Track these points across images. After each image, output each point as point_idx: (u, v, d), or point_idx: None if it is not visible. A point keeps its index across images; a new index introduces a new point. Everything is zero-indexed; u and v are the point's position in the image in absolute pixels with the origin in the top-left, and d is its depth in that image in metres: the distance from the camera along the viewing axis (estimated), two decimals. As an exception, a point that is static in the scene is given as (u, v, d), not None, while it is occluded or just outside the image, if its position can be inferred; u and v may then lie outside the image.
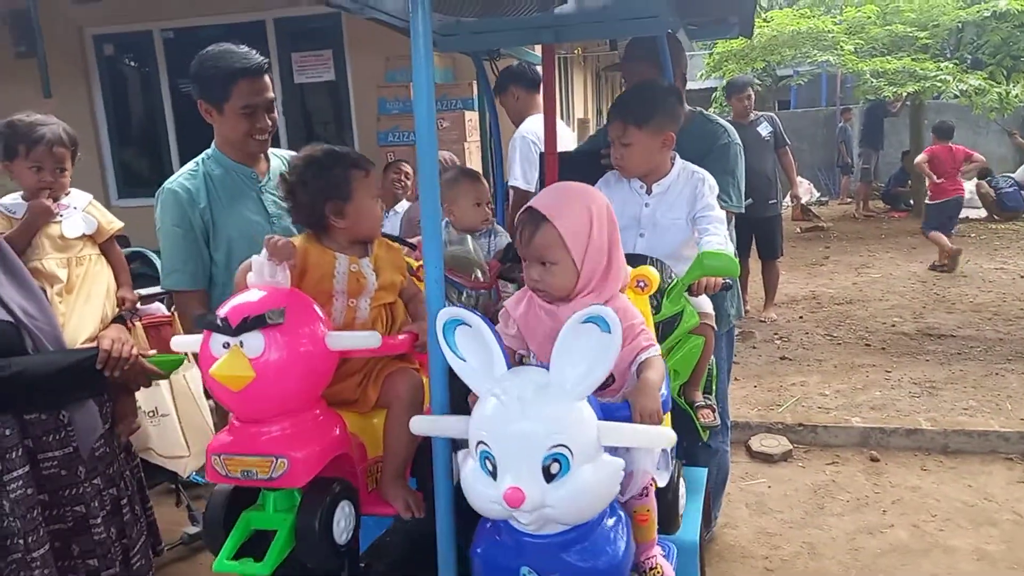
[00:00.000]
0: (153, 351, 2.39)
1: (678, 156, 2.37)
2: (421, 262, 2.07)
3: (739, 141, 2.75)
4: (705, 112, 2.90)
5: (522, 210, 1.61)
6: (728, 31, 2.98)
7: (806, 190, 12.93)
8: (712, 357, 2.30)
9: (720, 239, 2.19)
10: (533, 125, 3.86)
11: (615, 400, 1.55)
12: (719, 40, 9.48)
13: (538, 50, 2.88)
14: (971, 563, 3.09)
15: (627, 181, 2.37)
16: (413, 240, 2.33)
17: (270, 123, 2.30)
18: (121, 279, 2.47)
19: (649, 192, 2.35)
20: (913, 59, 9.52)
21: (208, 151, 2.36)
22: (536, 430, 1.29)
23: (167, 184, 2.30)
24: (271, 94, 2.29)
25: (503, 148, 3.45)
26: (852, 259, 9.18)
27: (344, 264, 1.81)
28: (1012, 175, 11.78)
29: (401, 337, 1.72)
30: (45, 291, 2.18)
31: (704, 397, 2.27)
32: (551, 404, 1.32)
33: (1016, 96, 9.34)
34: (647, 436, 1.38)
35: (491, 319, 2.02)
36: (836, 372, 5.26)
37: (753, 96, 6.61)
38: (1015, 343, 5.61)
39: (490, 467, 1.31)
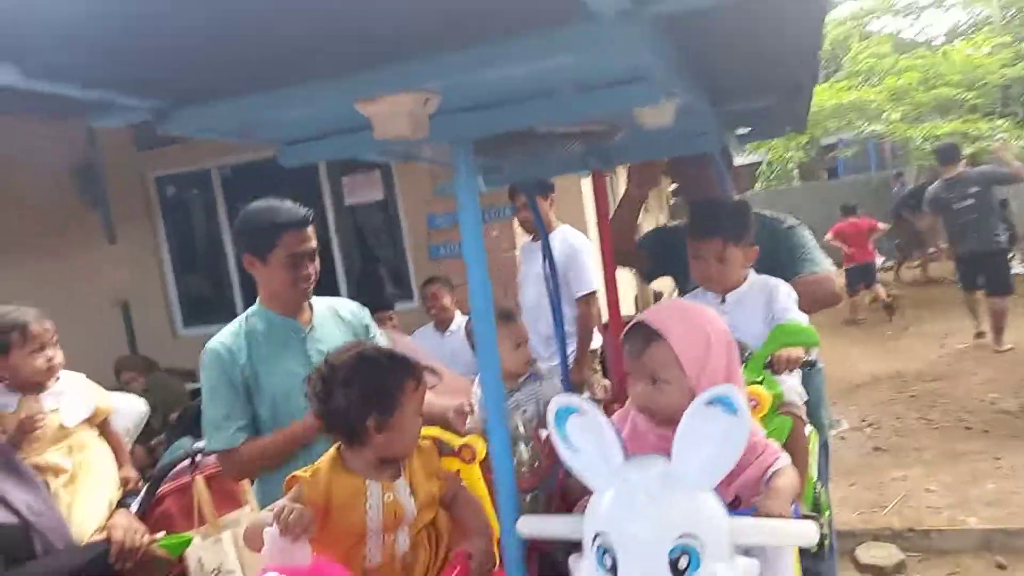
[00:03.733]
0: (162, 532, 2.28)
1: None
2: (461, 442, 1.90)
3: (796, 223, 2.77)
4: (759, 213, 2.81)
5: (632, 324, 1.55)
6: (779, 131, 2.86)
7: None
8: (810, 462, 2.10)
9: (795, 316, 2.13)
10: (575, 235, 3.92)
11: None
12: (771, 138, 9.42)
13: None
14: None
15: (701, 294, 2.33)
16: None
17: (313, 272, 2.27)
18: (121, 458, 2.39)
19: (723, 301, 2.29)
20: (964, 120, 9.27)
21: (252, 308, 2.34)
22: (661, 519, 1.21)
23: (209, 344, 2.26)
24: (314, 243, 2.28)
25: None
26: (933, 328, 8.70)
27: (377, 495, 1.59)
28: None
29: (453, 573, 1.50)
30: (48, 484, 2.10)
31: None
32: (676, 492, 1.24)
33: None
34: (785, 532, 1.27)
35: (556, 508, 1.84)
36: (939, 462, 4.83)
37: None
38: None
39: (609, 563, 1.22)
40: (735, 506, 1.47)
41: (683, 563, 1.17)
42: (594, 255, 3.67)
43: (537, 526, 1.39)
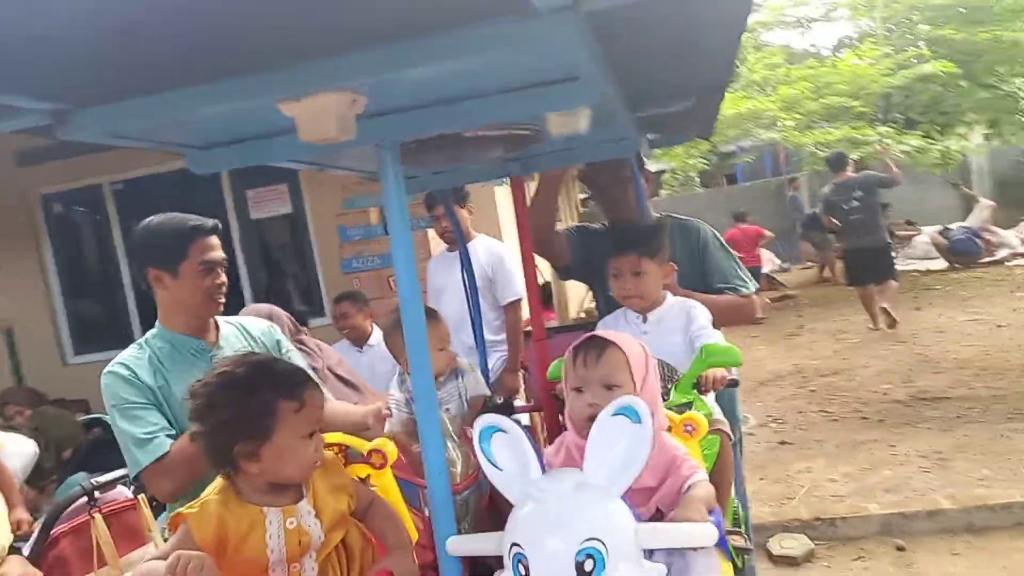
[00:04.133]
0: None
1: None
2: (370, 446, 1.81)
3: (710, 229, 2.87)
4: (672, 215, 2.91)
5: (584, 338, 1.66)
6: (687, 136, 2.94)
7: (768, 259, 13.07)
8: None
9: (711, 334, 2.21)
10: (498, 244, 3.94)
11: None
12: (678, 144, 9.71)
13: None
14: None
15: (623, 314, 2.40)
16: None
17: (226, 279, 2.18)
18: (11, 500, 2.22)
19: (645, 320, 2.36)
20: (852, 127, 9.86)
21: (151, 331, 2.19)
22: (567, 523, 1.25)
23: (108, 368, 2.10)
24: (223, 254, 2.19)
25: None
26: (827, 326, 9.17)
27: (277, 523, 1.44)
28: (963, 223, 12.10)
29: None
30: None
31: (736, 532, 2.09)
32: (584, 499, 1.29)
33: (957, 151, 9.68)
34: (687, 534, 1.35)
35: (483, 518, 1.82)
36: (840, 453, 5.08)
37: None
38: (1012, 399, 5.52)
39: (523, 571, 1.26)
40: (658, 520, 1.53)
41: (588, 566, 1.21)
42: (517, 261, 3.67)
43: (465, 546, 1.40)
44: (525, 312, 3.64)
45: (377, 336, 4.39)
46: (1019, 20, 10.76)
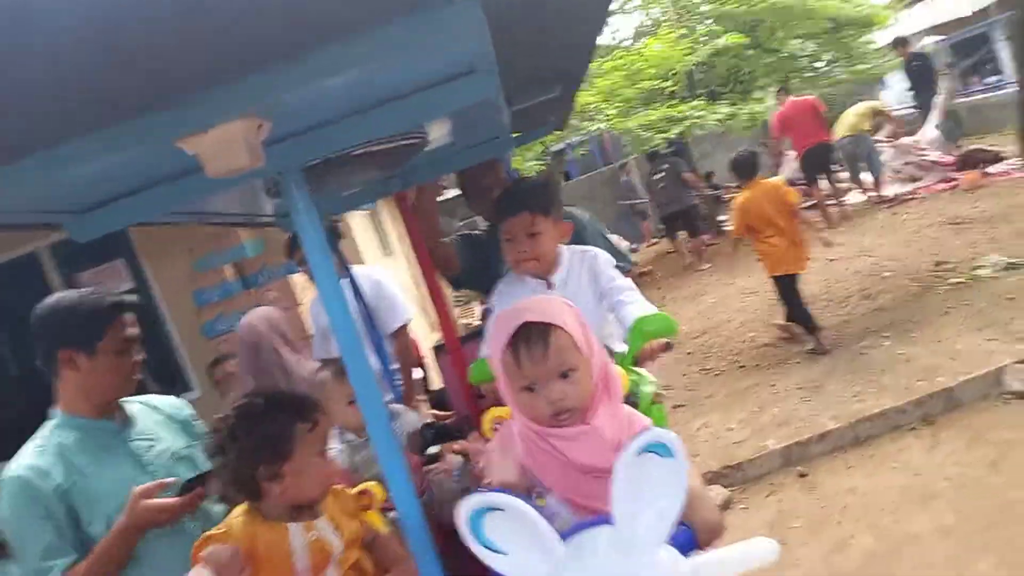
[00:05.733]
0: None
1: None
2: (359, 487, 1.79)
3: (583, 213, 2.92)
4: None
5: (516, 329, 1.40)
6: (547, 130, 3.04)
7: (617, 241, 13.67)
8: None
9: (641, 303, 2.08)
10: (373, 271, 3.89)
11: None
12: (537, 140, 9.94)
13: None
14: (942, 543, 3.16)
15: (524, 281, 2.23)
16: None
17: (141, 357, 2.03)
18: None
19: (550, 286, 2.21)
20: (668, 106, 10.54)
21: (53, 420, 2.00)
22: None
23: (7, 472, 1.89)
24: (138, 329, 2.02)
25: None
26: (686, 292, 9.72)
27: (300, 536, 1.52)
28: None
29: None
30: None
31: None
32: (632, 563, 1.12)
33: (760, 112, 10.61)
34: (751, 556, 1.18)
35: (439, 524, 1.77)
36: (730, 402, 5.40)
37: None
38: (858, 321, 6.09)
39: None
40: None
41: None
42: (398, 284, 3.61)
43: None
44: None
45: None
46: (787, -14, 11.99)
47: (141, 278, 6.11)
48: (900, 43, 11.99)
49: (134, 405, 2.11)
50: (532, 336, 1.38)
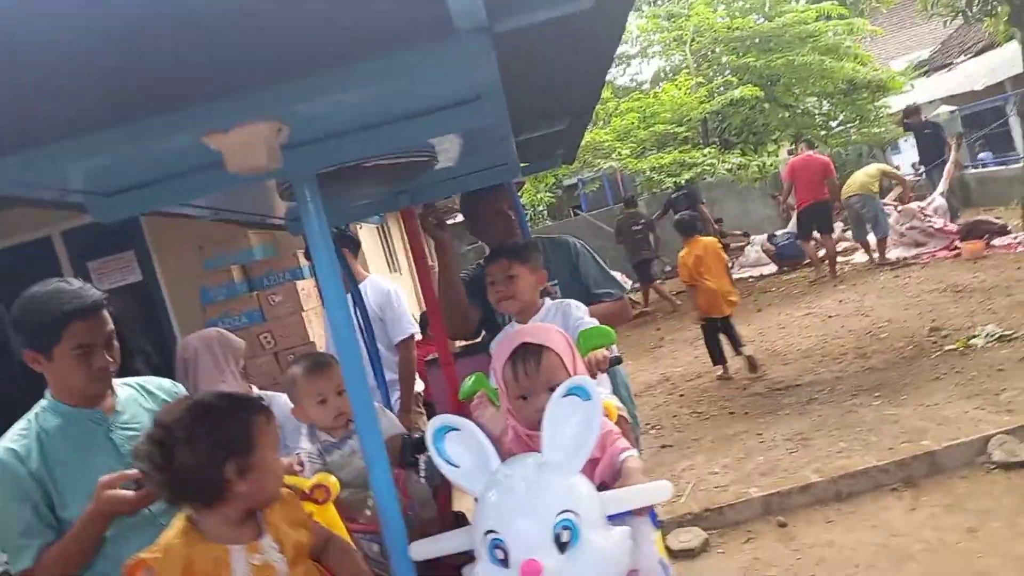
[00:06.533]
0: None
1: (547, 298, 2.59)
2: (313, 482, 1.84)
3: (578, 241, 3.14)
4: (544, 237, 3.17)
5: (516, 348, 1.70)
6: (554, 163, 3.14)
7: (622, 279, 13.78)
8: None
9: (588, 322, 2.35)
10: (386, 282, 3.95)
11: None
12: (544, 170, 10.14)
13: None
14: (911, 602, 3.18)
15: (509, 327, 2.47)
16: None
17: (111, 359, 2.04)
18: None
19: None
20: (680, 151, 10.71)
21: (42, 402, 2.04)
22: (541, 501, 1.34)
23: None
24: (109, 327, 2.04)
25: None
26: (684, 335, 9.76)
27: (242, 560, 1.45)
28: (786, 230, 13.33)
29: None
30: None
31: None
32: (551, 477, 1.39)
33: (771, 165, 10.76)
34: (647, 493, 1.45)
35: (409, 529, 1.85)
36: (716, 447, 5.42)
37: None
38: (850, 378, 6.13)
39: (501, 555, 1.31)
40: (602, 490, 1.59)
41: (565, 537, 1.31)
42: (407, 297, 3.70)
43: (427, 548, 1.44)
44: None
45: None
46: (805, 45, 12.23)
47: (150, 271, 6.20)
48: (912, 112, 12.20)
49: (127, 389, 2.14)
50: (528, 354, 1.69)
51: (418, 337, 4.18)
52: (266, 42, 0.97)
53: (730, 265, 13.13)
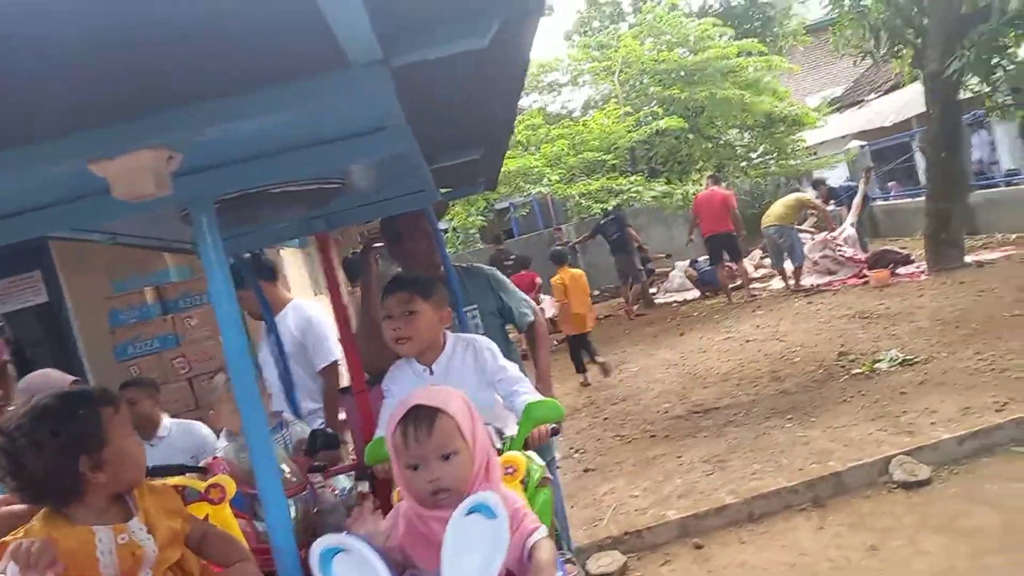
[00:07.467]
0: None
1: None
2: (208, 482, 1.86)
3: (490, 269, 3.17)
4: (459, 265, 3.11)
5: (408, 410, 1.54)
6: (476, 189, 3.16)
7: (551, 304, 13.92)
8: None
9: (531, 392, 2.20)
10: (309, 307, 3.85)
11: None
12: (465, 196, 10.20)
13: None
14: (816, 620, 3.29)
15: (408, 366, 2.32)
16: (201, 463, 2.10)
17: (2, 391, 1.96)
18: None
19: (432, 372, 2.30)
20: (608, 178, 10.94)
21: None
22: None
23: None
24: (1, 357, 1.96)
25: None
26: (610, 359, 9.91)
27: (108, 540, 1.46)
28: (707, 257, 13.75)
29: None
30: None
31: (560, 552, 2.23)
32: None
33: (694, 193, 11.14)
34: None
35: (313, 528, 1.85)
36: (637, 470, 5.51)
37: None
38: (765, 401, 6.34)
39: None
40: None
41: None
42: (330, 321, 3.62)
43: None
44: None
45: (167, 425, 4.04)
46: (727, 80, 12.72)
47: (57, 293, 5.93)
48: (819, 184, 13.21)
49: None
50: (420, 418, 1.53)
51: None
52: (157, 69, 0.96)
53: (654, 292, 13.61)
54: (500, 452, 1.98)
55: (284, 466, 2.14)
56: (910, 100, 13.27)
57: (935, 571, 3.42)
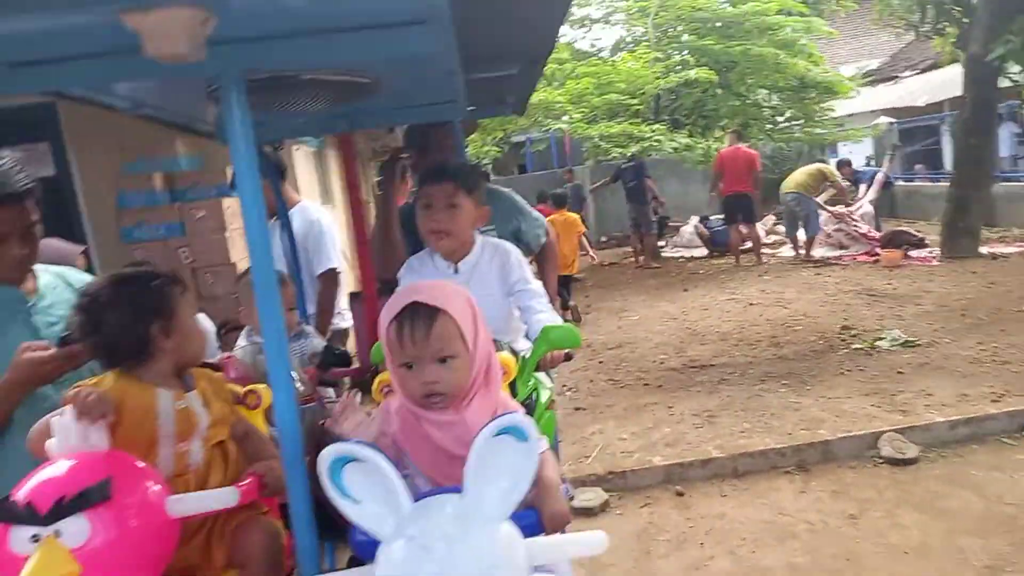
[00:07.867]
0: None
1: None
2: (246, 388, 1.86)
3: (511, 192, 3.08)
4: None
5: (406, 306, 1.43)
6: (504, 110, 3.07)
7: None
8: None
9: (550, 312, 2.17)
10: (315, 210, 3.76)
11: None
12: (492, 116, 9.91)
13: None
14: (788, 578, 3.35)
15: (432, 261, 2.26)
16: (215, 359, 2.07)
17: (22, 254, 1.91)
18: None
19: (457, 271, 2.24)
20: (630, 123, 10.73)
21: None
22: (460, 562, 1.12)
23: None
24: (30, 218, 1.91)
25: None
26: (611, 305, 9.92)
27: (168, 401, 1.58)
28: (721, 216, 13.61)
29: (245, 483, 1.47)
30: None
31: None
32: (472, 531, 1.16)
33: (716, 150, 10.93)
34: (580, 545, 1.26)
35: (320, 437, 1.84)
36: (627, 415, 5.55)
37: None
38: (761, 364, 6.35)
39: None
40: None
41: None
42: (336, 228, 3.55)
43: None
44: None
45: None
46: (764, 37, 12.35)
47: (64, 167, 5.84)
48: (845, 164, 12.68)
49: (47, 276, 2.05)
50: (418, 317, 1.42)
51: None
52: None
53: (662, 245, 13.44)
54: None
55: (295, 374, 2.13)
56: (946, 81, 12.92)
57: (909, 545, 3.47)
